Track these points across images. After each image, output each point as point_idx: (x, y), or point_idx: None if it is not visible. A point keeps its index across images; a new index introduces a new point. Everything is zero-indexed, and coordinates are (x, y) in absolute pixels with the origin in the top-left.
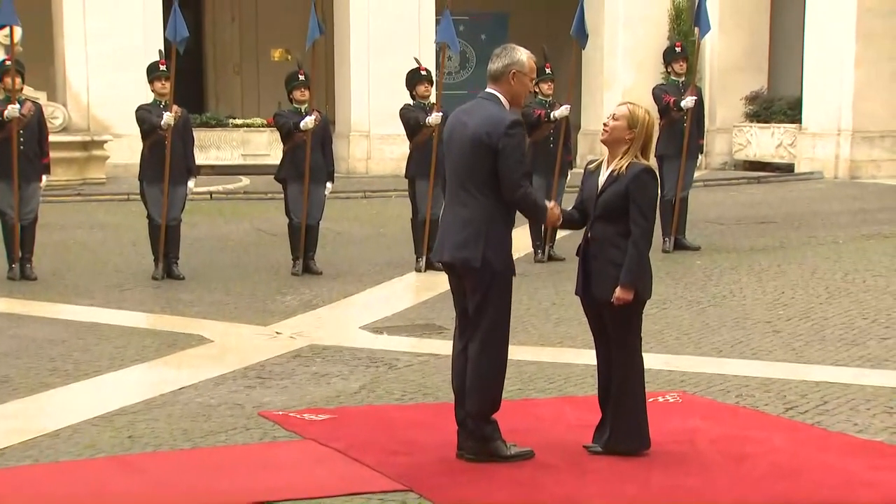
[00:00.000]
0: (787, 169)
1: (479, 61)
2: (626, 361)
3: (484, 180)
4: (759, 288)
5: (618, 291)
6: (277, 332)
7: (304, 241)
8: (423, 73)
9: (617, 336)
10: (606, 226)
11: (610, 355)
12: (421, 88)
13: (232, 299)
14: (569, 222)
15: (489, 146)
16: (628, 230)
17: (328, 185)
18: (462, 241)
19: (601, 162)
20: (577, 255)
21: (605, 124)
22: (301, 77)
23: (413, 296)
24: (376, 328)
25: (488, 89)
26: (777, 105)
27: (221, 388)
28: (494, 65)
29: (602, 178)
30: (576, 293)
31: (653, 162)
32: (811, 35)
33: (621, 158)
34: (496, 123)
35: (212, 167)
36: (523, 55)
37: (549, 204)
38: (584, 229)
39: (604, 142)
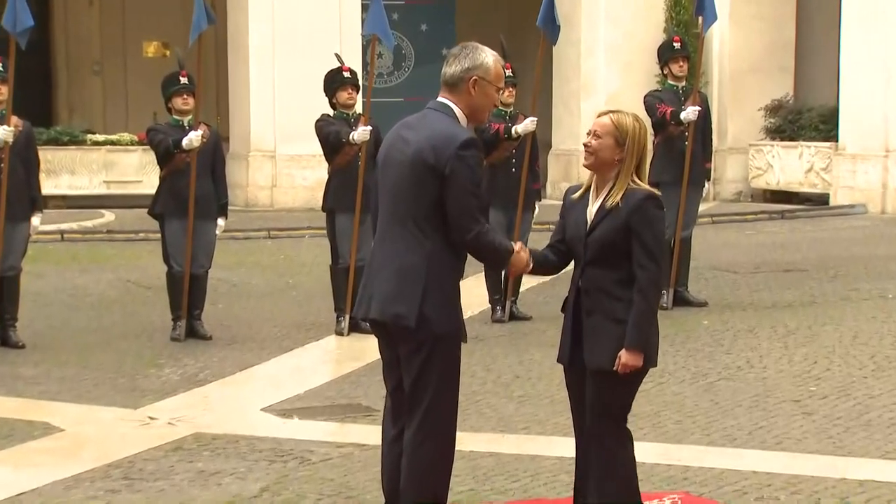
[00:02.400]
0: (820, 201)
1: (418, 59)
2: (618, 451)
3: (426, 214)
4: (784, 356)
5: (623, 356)
6: (151, 418)
7: (187, 295)
8: (347, 74)
9: (605, 416)
10: (602, 272)
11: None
12: (343, 95)
13: (90, 374)
14: (541, 266)
15: (434, 170)
16: (630, 276)
17: (220, 221)
18: (394, 292)
19: (587, 188)
20: (563, 310)
21: (585, 145)
22: (183, 80)
23: (332, 367)
24: (284, 410)
25: (440, 98)
26: (806, 118)
27: (75, 494)
28: (451, 68)
29: (592, 211)
30: (559, 360)
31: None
32: (850, 28)
33: (614, 185)
34: (444, 141)
35: (63, 198)
36: (489, 58)
37: (515, 246)
38: (571, 277)
39: (588, 167)
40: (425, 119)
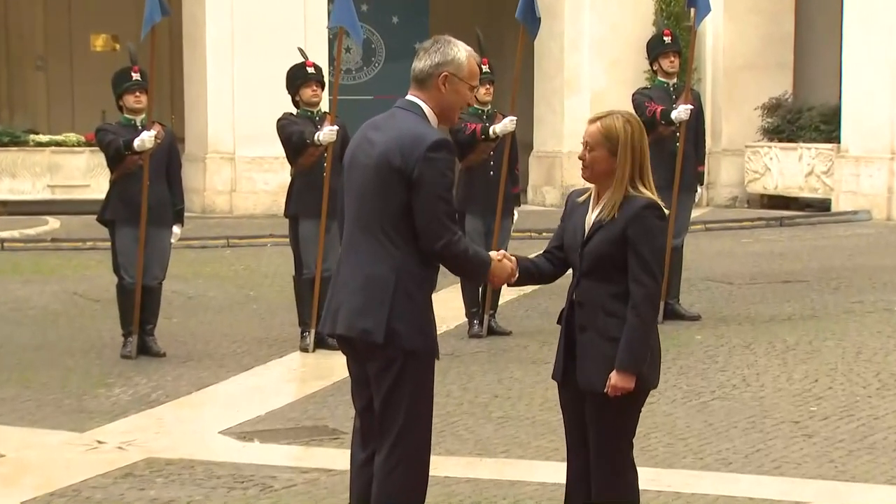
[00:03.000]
0: (821, 206)
1: (389, 54)
2: (613, 480)
3: (393, 221)
4: (782, 374)
5: (612, 377)
6: (99, 442)
7: (139, 309)
8: (311, 70)
9: (604, 442)
10: (597, 285)
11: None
12: (308, 92)
13: (33, 394)
14: (530, 275)
15: (401, 174)
16: (625, 291)
17: (175, 229)
18: (360, 305)
19: (590, 193)
20: (560, 322)
21: (580, 157)
22: (135, 76)
23: (296, 386)
24: (244, 433)
25: (409, 96)
26: (806, 117)
27: None
28: (420, 63)
29: (590, 219)
30: (553, 377)
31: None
32: (852, 22)
33: (613, 193)
34: (412, 143)
35: (4, 204)
36: (461, 53)
37: (496, 255)
38: (568, 288)
39: (587, 180)
40: (393, 119)
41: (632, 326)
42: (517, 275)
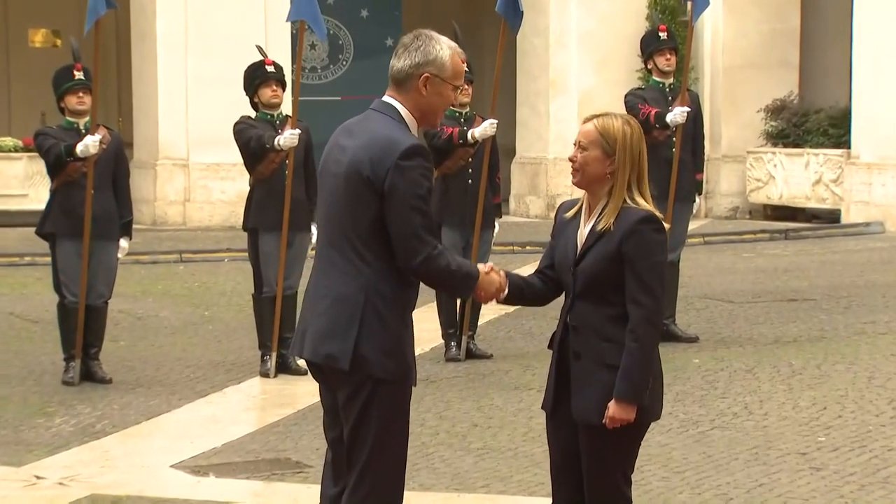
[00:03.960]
0: (830, 218)
1: (358, 51)
2: None
3: (364, 236)
4: (788, 401)
5: (611, 408)
6: (38, 477)
7: (83, 331)
8: (271, 68)
9: (599, 478)
10: (592, 307)
11: None
12: (267, 93)
13: None
14: (521, 294)
15: (371, 185)
16: (623, 313)
17: (122, 243)
18: (327, 328)
19: (581, 205)
20: (550, 347)
21: (570, 160)
22: (78, 75)
23: (256, 415)
24: (198, 467)
25: (386, 97)
26: (813, 120)
27: None
28: (400, 62)
29: (582, 234)
30: (543, 407)
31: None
32: (863, 16)
33: (607, 204)
34: (383, 150)
35: None
36: (444, 51)
37: (483, 267)
38: (561, 310)
39: (577, 185)
40: (366, 122)
41: (631, 352)
42: (506, 290)
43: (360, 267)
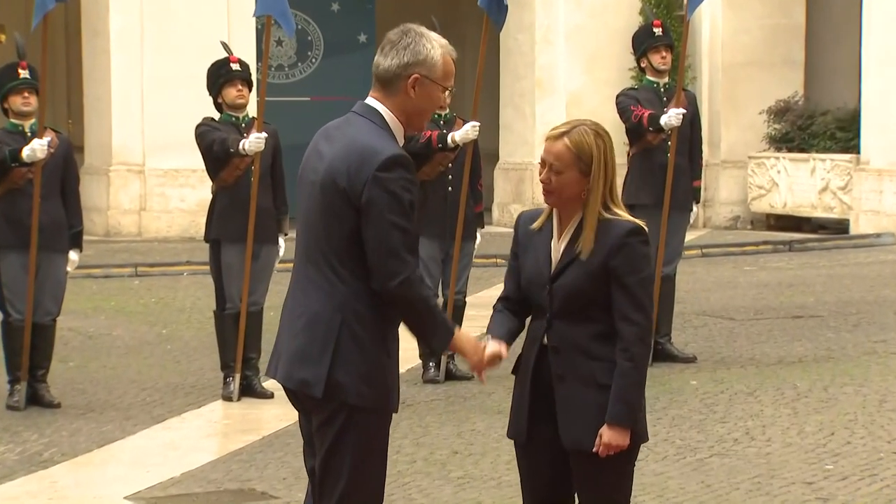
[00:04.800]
0: (838, 228)
1: (328, 48)
2: None
3: (340, 252)
4: (793, 426)
5: (605, 434)
6: None
7: (29, 351)
8: (236, 67)
9: None
10: (574, 327)
11: None
12: (232, 92)
13: None
14: (511, 341)
15: (347, 197)
16: (609, 330)
17: (72, 255)
18: (300, 351)
19: (548, 215)
20: (515, 372)
21: (543, 181)
22: (23, 73)
23: (218, 442)
24: (155, 499)
25: (370, 99)
26: (819, 123)
27: None
28: (386, 61)
29: (558, 249)
30: (511, 436)
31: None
32: (874, 12)
33: (588, 219)
34: (360, 159)
35: None
36: (434, 50)
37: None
38: (528, 330)
39: (552, 205)
40: (346, 127)
41: (624, 372)
42: (505, 355)
43: (336, 284)
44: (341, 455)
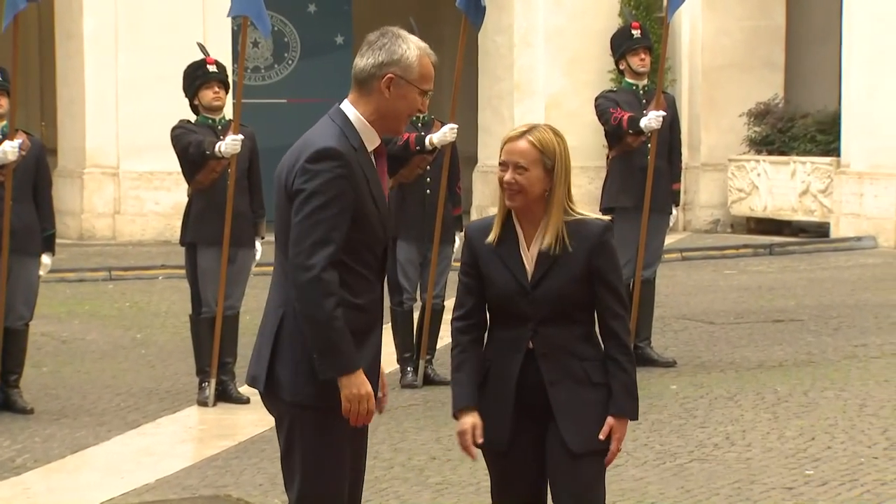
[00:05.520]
0: (819, 231)
1: (305, 50)
2: None
3: (286, 246)
4: (773, 431)
5: (617, 428)
6: None
7: (1, 355)
8: (213, 68)
9: None
10: (560, 330)
11: None
12: (208, 94)
13: None
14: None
15: (286, 190)
16: (590, 329)
17: (45, 259)
18: (256, 348)
19: (501, 226)
20: (486, 379)
21: (507, 183)
22: None
23: (194, 448)
24: None
25: (344, 103)
26: (800, 126)
27: None
28: (362, 61)
29: (531, 256)
30: (485, 444)
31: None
32: (855, 13)
33: (552, 219)
34: (299, 152)
35: None
36: (411, 51)
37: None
38: (498, 339)
39: (516, 209)
40: (316, 126)
41: (625, 367)
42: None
43: (283, 280)
44: (293, 455)
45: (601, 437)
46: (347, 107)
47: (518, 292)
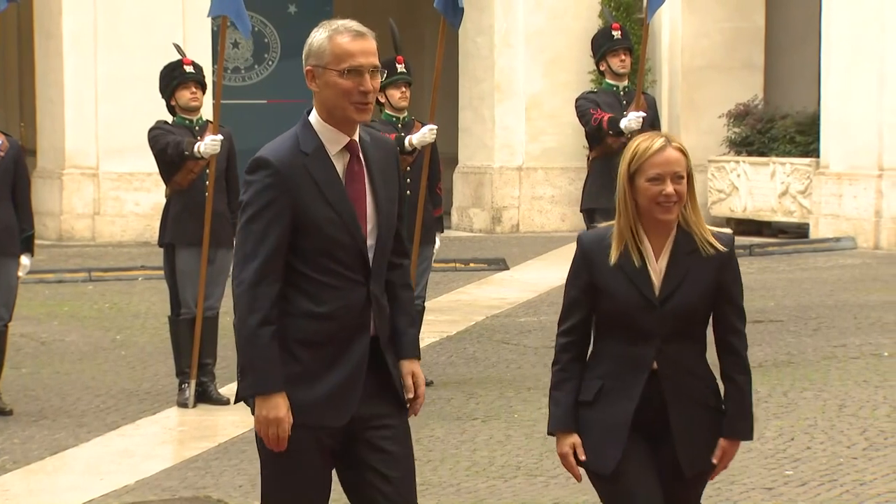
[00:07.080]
0: (798, 232)
1: (285, 50)
2: None
3: None
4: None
5: (729, 450)
6: None
7: None
8: (190, 69)
9: None
10: (683, 347)
11: None
12: (185, 95)
13: None
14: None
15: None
16: (704, 348)
17: (24, 260)
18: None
19: (621, 244)
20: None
21: (667, 195)
22: None
23: (174, 449)
24: None
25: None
26: (779, 127)
27: None
28: None
29: (658, 269)
30: (594, 467)
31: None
32: (834, 15)
33: (686, 232)
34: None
35: None
36: (319, 34)
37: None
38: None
39: (672, 221)
40: None
41: (743, 386)
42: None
43: None
44: (260, 465)
45: (714, 460)
46: (313, 110)
47: (643, 307)
